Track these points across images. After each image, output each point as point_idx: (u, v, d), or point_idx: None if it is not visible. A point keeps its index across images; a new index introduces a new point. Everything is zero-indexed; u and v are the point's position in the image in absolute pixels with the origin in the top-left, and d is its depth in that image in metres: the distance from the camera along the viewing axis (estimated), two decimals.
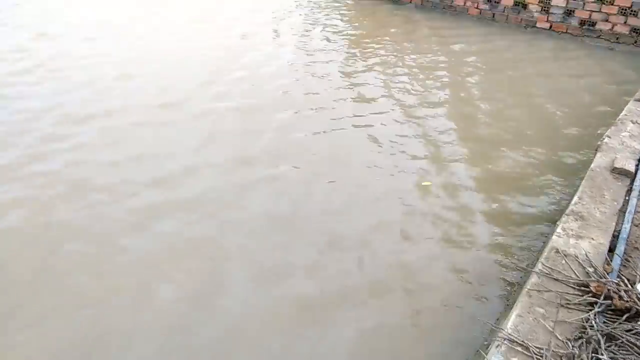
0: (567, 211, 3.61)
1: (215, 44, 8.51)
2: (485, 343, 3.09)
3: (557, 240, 3.27)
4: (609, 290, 2.73)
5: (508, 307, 3.36)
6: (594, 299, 2.73)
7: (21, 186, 4.67)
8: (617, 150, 4.42)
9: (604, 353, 2.28)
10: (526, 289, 2.83)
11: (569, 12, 9.04)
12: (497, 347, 2.45)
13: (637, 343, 2.36)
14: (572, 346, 2.42)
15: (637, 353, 2.33)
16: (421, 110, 6.44)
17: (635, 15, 8.43)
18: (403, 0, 11.07)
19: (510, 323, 2.59)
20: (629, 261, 3.14)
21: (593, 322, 2.56)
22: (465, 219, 4.48)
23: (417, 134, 5.89)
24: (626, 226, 3.43)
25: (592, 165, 4.23)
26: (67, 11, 10.16)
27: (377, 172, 5.12)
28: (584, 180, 4.02)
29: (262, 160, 5.23)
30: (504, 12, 9.75)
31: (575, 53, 8.58)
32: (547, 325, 2.55)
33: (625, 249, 3.20)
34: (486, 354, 2.55)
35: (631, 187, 3.95)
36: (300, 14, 10.49)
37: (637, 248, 3.28)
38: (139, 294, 3.54)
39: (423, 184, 4.97)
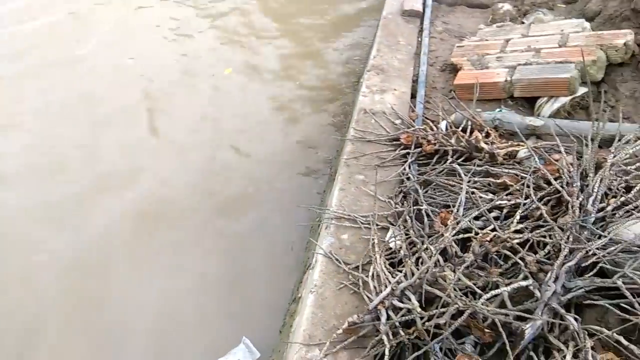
0: (368, 66, 3.51)
1: None
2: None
3: (364, 100, 3.17)
4: (417, 138, 2.73)
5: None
6: (406, 150, 2.72)
7: None
8: None
9: (423, 202, 2.29)
10: (343, 159, 2.71)
11: None
12: (326, 228, 2.32)
13: (449, 181, 2.41)
14: (395, 204, 2.39)
15: (450, 191, 2.38)
16: None
17: None
18: None
19: (335, 199, 2.46)
20: (430, 103, 3.19)
21: (409, 173, 2.56)
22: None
23: None
24: (422, 69, 3.46)
25: (383, 13, 4.14)
26: None
27: None
28: (378, 30, 3.93)
29: None
30: None
31: None
32: (368, 191, 2.48)
33: (425, 92, 3.24)
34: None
35: (422, 28, 3.98)
36: None
37: (435, 88, 3.34)
38: None
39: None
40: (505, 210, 2.24)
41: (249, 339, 2.51)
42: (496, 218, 2.21)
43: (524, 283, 1.75)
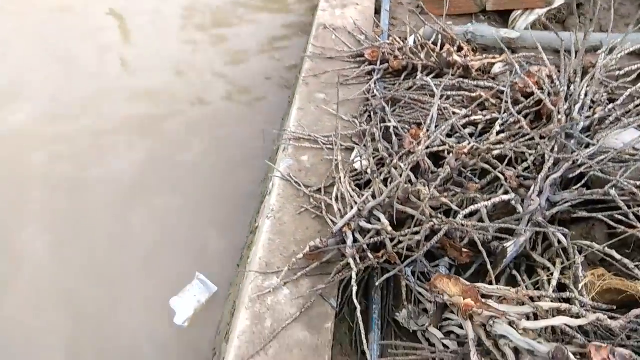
0: None
1: None
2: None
3: (323, 15, 2.85)
4: (383, 53, 2.46)
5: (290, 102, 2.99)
6: (372, 66, 2.45)
7: None
8: None
9: (391, 119, 2.05)
10: (301, 78, 2.42)
11: None
12: (284, 150, 2.06)
13: (419, 98, 2.18)
14: (360, 122, 2.15)
15: (421, 108, 2.16)
16: None
17: None
18: None
19: (293, 120, 2.19)
20: (395, 19, 2.91)
21: (375, 90, 2.31)
22: None
23: None
24: None
25: None
26: None
27: None
28: None
29: None
30: None
31: None
32: (330, 110, 2.22)
33: (390, 7, 2.94)
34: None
35: None
36: None
37: (400, 3, 3.05)
38: None
39: None
40: (480, 127, 2.04)
41: (204, 275, 2.28)
42: (471, 135, 2.01)
43: (505, 197, 1.56)
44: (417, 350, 1.53)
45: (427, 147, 1.72)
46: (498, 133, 1.84)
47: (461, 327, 1.52)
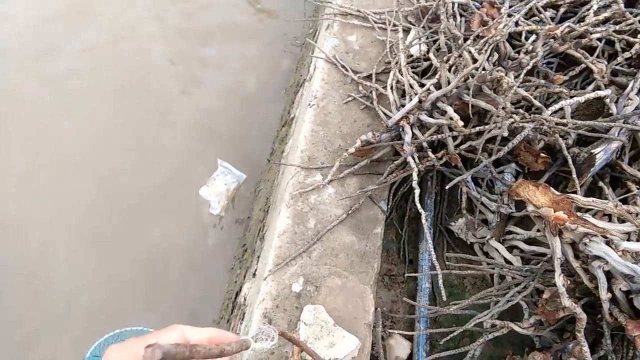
0: None
1: None
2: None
3: None
4: None
5: None
6: None
7: None
8: None
9: None
10: None
11: None
12: (327, 28, 1.76)
13: None
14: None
15: None
16: None
17: None
18: None
19: None
20: None
21: None
22: None
23: None
24: None
25: None
26: None
27: None
28: None
29: None
30: None
31: None
32: None
33: None
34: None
35: None
36: None
37: None
38: None
39: None
40: (562, 10, 1.70)
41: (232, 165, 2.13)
42: (551, 19, 1.68)
43: (602, 93, 1.29)
44: (473, 263, 1.38)
45: (506, 26, 1.41)
46: (595, 14, 1.50)
47: (528, 242, 1.35)
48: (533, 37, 1.53)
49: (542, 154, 1.32)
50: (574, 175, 1.23)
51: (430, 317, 1.34)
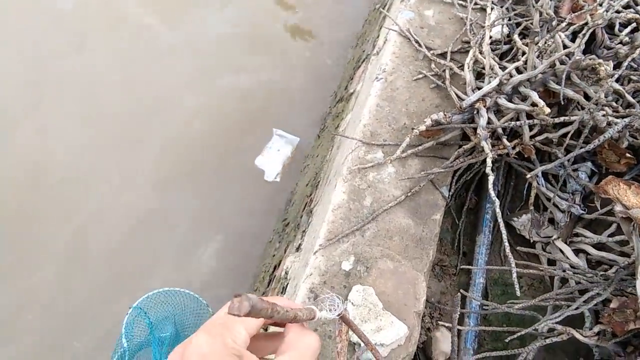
0: None
1: None
2: None
3: None
4: None
5: None
6: None
7: None
8: None
9: None
10: None
11: None
12: (402, 0, 1.67)
13: None
14: None
15: None
16: None
17: None
18: None
19: None
20: None
21: None
22: None
23: None
24: None
25: None
26: None
27: None
28: None
29: None
30: None
31: None
32: None
33: None
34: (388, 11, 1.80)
35: None
36: None
37: None
38: None
39: None
40: None
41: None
42: None
43: None
44: (533, 262, 1.28)
45: (607, 10, 1.28)
46: None
47: (596, 246, 1.25)
48: (628, 29, 1.40)
49: (628, 154, 1.20)
50: None
51: (482, 314, 1.26)
